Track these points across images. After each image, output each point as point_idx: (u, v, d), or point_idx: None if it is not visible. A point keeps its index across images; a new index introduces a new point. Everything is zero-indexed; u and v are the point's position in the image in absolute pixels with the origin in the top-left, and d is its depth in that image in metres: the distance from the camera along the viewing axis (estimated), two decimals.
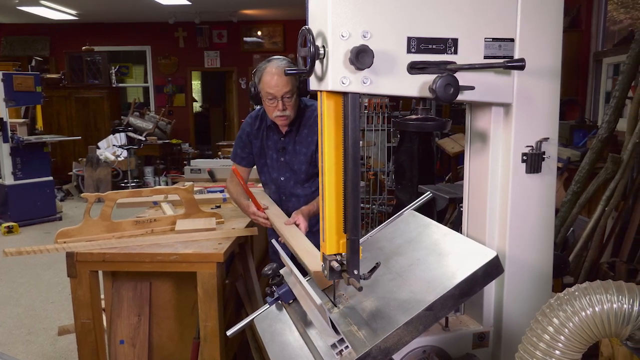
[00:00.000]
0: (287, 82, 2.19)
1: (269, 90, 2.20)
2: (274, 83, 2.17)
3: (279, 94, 2.20)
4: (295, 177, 2.42)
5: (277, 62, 2.21)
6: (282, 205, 2.44)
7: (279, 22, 10.37)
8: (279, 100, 2.22)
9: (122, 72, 10.87)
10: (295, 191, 2.44)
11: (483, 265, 1.17)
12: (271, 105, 2.25)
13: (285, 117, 2.27)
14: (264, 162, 2.48)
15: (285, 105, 2.24)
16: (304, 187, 2.43)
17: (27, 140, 6.56)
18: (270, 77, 2.18)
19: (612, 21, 5.40)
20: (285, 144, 2.40)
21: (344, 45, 1.07)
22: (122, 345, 2.42)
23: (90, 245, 2.22)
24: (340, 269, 1.18)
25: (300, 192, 2.43)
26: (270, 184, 2.49)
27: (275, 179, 2.46)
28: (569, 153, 4.20)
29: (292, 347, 1.34)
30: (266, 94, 2.22)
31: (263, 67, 2.23)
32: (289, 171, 2.42)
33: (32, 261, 5.10)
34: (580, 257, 3.22)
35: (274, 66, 2.19)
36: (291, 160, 2.41)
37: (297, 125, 2.37)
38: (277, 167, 2.44)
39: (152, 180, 9.05)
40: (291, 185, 2.43)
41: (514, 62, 1.12)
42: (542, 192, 1.31)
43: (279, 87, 2.19)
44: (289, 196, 2.45)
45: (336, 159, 1.16)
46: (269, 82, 2.19)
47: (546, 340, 0.91)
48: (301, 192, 2.43)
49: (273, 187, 2.48)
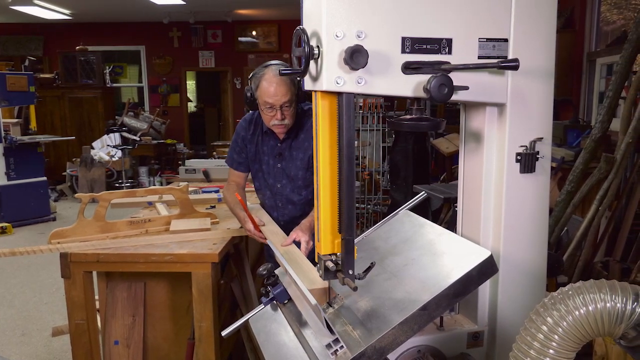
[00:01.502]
0: (286, 91, 2.06)
1: (267, 100, 2.07)
2: (273, 92, 2.04)
3: (277, 104, 2.08)
4: (292, 184, 2.32)
5: (276, 68, 2.06)
6: (279, 211, 2.37)
7: (274, 22, 10.36)
8: (278, 110, 2.10)
9: (116, 72, 10.84)
10: (292, 198, 2.34)
11: (477, 265, 1.17)
12: (269, 114, 2.13)
13: (283, 126, 2.16)
14: (258, 168, 2.38)
15: (284, 115, 2.12)
16: (301, 195, 2.33)
17: (20, 140, 6.53)
18: (268, 85, 2.04)
19: (605, 22, 5.43)
20: (282, 150, 2.30)
21: (338, 45, 1.07)
22: (116, 345, 2.42)
23: (84, 245, 2.21)
24: (335, 269, 1.18)
25: (297, 200, 2.33)
26: (265, 189, 2.40)
27: (271, 186, 2.36)
28: (563, 153, 4.22)
29: (287, 347, 1.34)
30: (264, 103, 2.09)
31: (261, 73, 2.09)
32: (286, 178, 2.32)
33: (26, 262, 5.07)
34: (574, 257, 3.23)
35: (273, 73, 2.05)
36: (288, 167, 2.31)
37: (295, 130, 2.26)
38: (274, 174, 2.34)
39: (146, 180, 9.01)
40: (287, 192, 2.34)
41: (508, 62, 1.12)
42: (536, 192, 1.31)
43: (278, 97, 2.05)
44: (286, 203, 2.36)
45: (331, 159, 1.16)
46: (267, 91, 2.05)
47: (540, 340, 0.91)
48: (298, 199, 2.33)
49: (268, 193, 2.39)
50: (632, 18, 4.94)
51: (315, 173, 1.19)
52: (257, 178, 2.42)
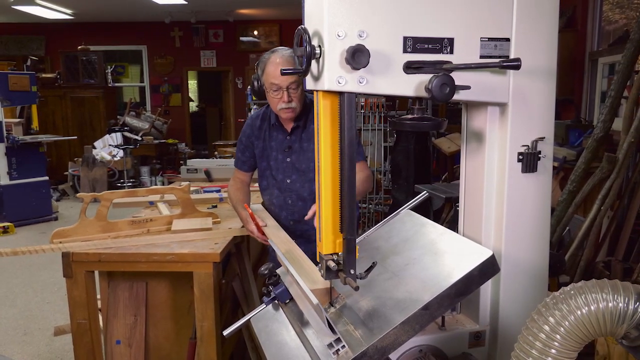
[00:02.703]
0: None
1: (274, 81, 2.09)
2: (278, 72, 2.01)
3: (284, 84, 2.09)
4: (302, 179, 2.26)
5: (282, 51, 2.11)
6: (288, 210, 2.31)
7: (275, 21, 10.36)
8: (284, 91, 2.10)
9: (118, 71, 10.85)
10: (302, 193, 2.27)
11: (479, 265, 1.17)
12: (276, 97, 2.13)
13: (290, 109, 2.15)
14: (266, 165, 2.33)
15: (291, 97, 2.12)
16: (312, 190, 2.23)
17: (22, 140, 6.54)
18: (274, 67, 2.06)
19: (607, 21, 5.42)
20: (292, 143, 2.27)
21: (340, 45, 1.07)
22: (118, 345, 2.42)
23: (86, 245, 2.21)
24: (336, 268, 1.18)
25: (308, 195, 2.26)
26: (272, 188, 2.33)
27: (280, 182, 2.30)
28: (565, 152, 4.21)
29: (289, 347, 1.34)
30: (270, 85, 2.11)
31: (267, 57, 2.13)
32: (296, 172, 2.27)
33: (28, 261, 5.08)
34: (576, 256, 3.23)
35: (279, 56, 2.09)
36: (298, 160, 2.26)
37: (304, 121, 2.24)
38: (283, 169, 2.29)
39: (148, 180, 9.02)
40: (298, 187, 2.28)
41: (510, 61, 1.12)
42: (538, 192, 1.31)
43: (284, 77, 2.05)
44: (296, 200, 2.29)
45: (332, 159, 1.16)
46: (274, 72, 2.07)
47: (542, 339, 0.91)
48: (308, 194, 2.26)
49: (276, 192, 2.32)
50: (634, 17, 4.93)
51: (316, 172, 1.19)
52: (264, 176, 2.36)
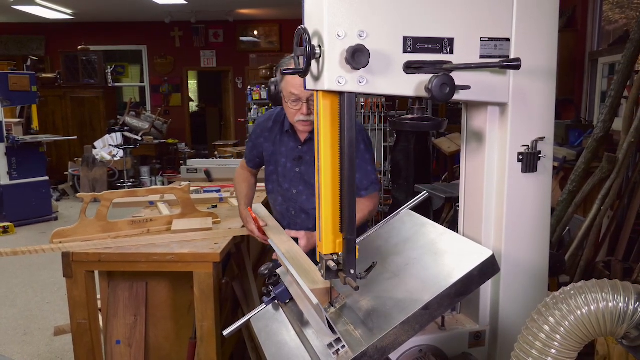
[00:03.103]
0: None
1: (293, 91, 1.93)
2: (300, 82, 1.86)
3: (304, 96, 1.93)
4: (309, 192, 2.15)
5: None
6: (290, 220, 2.23)
7: (275, 21, 10.36)
8: (304, 103, 1.95)
9: (118, 71, 10.86)
10: (306, 207, 2.17)
11: (479, 265, 1.17)
12: (294, 108, 1.98)
13: (309, 122, 1.99)
14: (273, 170, 2.23)
15: (311, 109, 1.94)
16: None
17: (22, 140, 6.53)
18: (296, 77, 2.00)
19: (607, 21, 5.42)
20: (303, 154, 2.14)
21: (340, 45, 1.07)
22: (118, 345, 2.42)
23: (86, 245, 2.21)
24: (336, 268, 1.18)
25: (311, 210, 2.13)
26: (277, 194, 2.25)
27: (285, 191, 2.21)
28: (565, 152, 4.21)
29: (289, 347, 1.34)
30: (289, 95, 1.95)
31: (287, 63, 1.97)
32: (303, 184, 2.16)
33: (28, 261, 5.08)
34: (576, 256, 3.23)
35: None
36: (307, 172, 2.13)
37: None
38: (290, 178, 2.18)
39: (148, 180, 9.03)
40: (303, 199, 2.17)
41: (510, 61, 1.12)
42: (538, 192, 1.31)
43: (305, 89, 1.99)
44: (299, 212, 2.19)
45: (332, 159, 1.16)
46: (293, 81, 1.89)
47: (542, 339, 0.91)
48: (312, 209, 2.11)
49: (280, 199, 2.24)
50: (634, 17, 4.93)
51: (316, 173, 1.19)
52: (270, 180, 2.28)
